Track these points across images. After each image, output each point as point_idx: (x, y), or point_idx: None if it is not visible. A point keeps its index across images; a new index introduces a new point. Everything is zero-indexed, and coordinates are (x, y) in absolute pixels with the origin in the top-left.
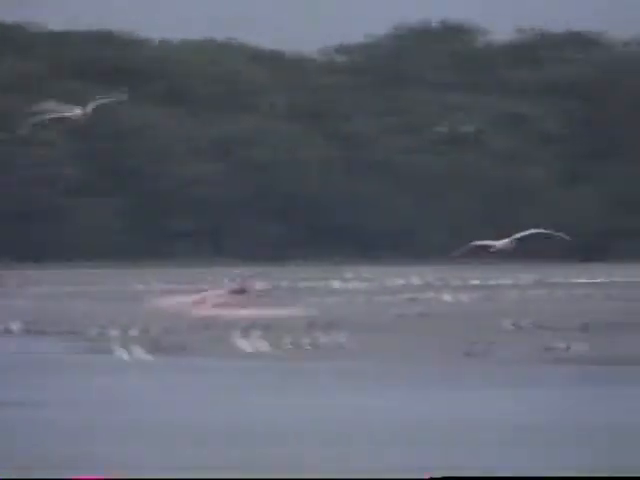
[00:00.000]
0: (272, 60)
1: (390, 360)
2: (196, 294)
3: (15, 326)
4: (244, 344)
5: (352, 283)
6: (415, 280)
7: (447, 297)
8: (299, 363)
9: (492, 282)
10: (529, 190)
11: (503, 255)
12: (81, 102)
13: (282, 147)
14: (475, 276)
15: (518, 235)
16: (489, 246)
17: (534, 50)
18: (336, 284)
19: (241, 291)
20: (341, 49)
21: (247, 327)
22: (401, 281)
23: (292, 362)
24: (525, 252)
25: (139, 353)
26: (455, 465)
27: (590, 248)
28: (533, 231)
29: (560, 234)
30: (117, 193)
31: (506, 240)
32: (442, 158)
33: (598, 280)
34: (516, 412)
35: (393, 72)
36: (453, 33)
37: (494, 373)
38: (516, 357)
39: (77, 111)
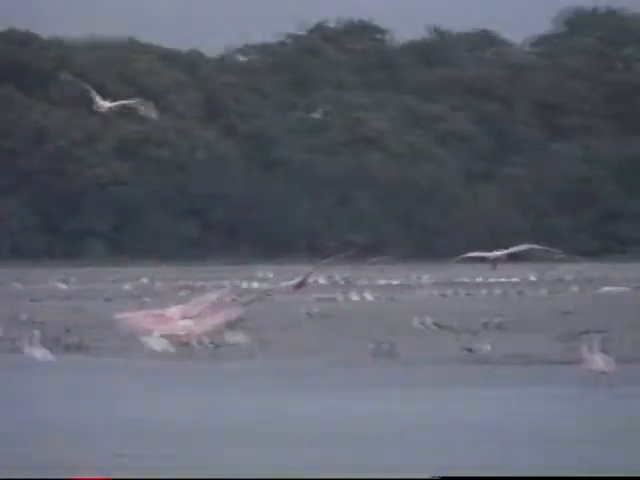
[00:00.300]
0: (177, 60)
1: (296, 360)
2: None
3: None
4: (153, 343)
5: (256, 283)
6: (321, 280)
7: (355, 296)
8: (201, 363)
9: (401, 282)
10: (432, 189)
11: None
12: None
13: (186, 147)
14: (383, 276)
15: (514, 249)
16: (484, 257)
17: (440, 49)
18: (244, 284)
19: (301, 285)
20: (244, 49)
21: None
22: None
23: (194, 362)
24: (429, 252)
25: (41, 352)
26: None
27: (500, 247)
28: (527, 246)
29: (555, 250)
30: (20, 193)
31: (499, 252)
32: (344, 158)
33: (512, 280)
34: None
35: (296, 72)
36: (358, 33)
37: (400, 373)
38: (423, 357)
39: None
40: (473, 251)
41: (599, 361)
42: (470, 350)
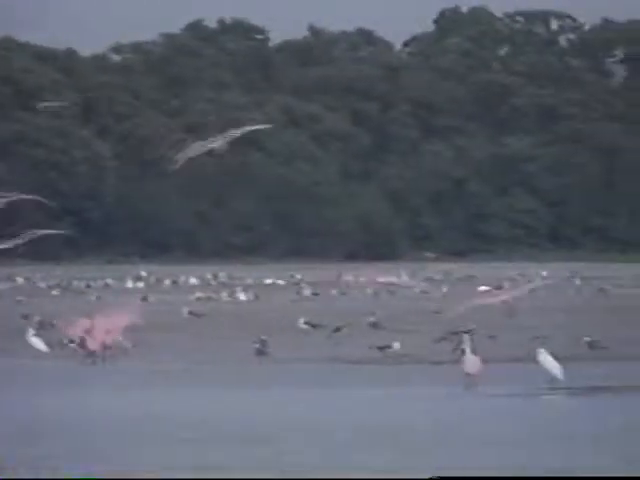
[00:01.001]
0: (53, 59)
1: (177, 360)
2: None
3: None
4: (37, 343)
5: (133, 283)
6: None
7: (241, 296)
8: (76, 364)
9: (286, 281)
10: (308, 189)
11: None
12: None
13: (61, 146)
14: (265, 275)
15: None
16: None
17: (317, 49)
18: (129, 283)
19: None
20: (118, 47)
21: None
22: (192, 280)
23: (69, 363)
24: (304, 251)
25: None
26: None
27: (375, 247)
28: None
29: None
30: None
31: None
32: (222, 158)
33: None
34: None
35: (170, 71)
36: (235, 32)
37: (283, 372)
38: (304, 356)
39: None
40: (346, 250)
41: (467, 362)
42: (382, 348)
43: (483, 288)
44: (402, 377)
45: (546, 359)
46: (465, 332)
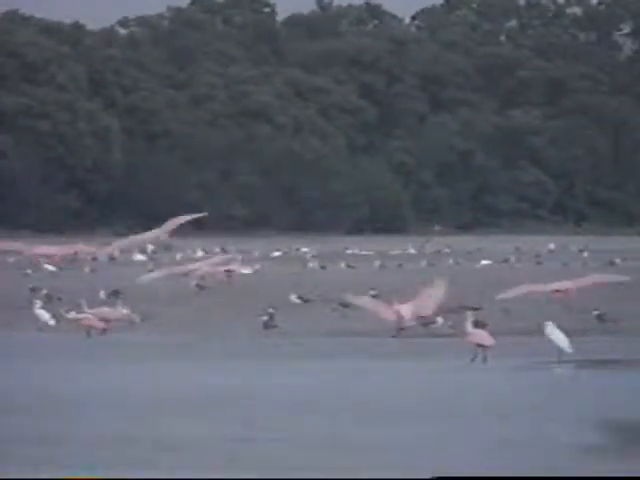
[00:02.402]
0: (59, 32)
1: (184, 333)
2: None
3: None
4: (45, 316)
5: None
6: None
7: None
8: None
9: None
10: (316, 162)
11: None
12: None
13: (68, 119)
14: (271, 248)
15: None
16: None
17: (324, 22)
18: (141, 256)
19: None
20: (124, 21)
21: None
22: (198, 252)
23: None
24: (310, 224)
25: None
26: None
27: (381, 220)
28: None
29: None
30: None
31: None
32: (228, 131)
33: (391, 252)
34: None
35: (177, 45)
36: (242, 5)
37: (292, 345)
38: (311, 329)
39: None
40: (353, 222)
41: (479, 334)
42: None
43: (484, 262)
44: (411, 350)
45: (553, 332)
46: (474, 309)
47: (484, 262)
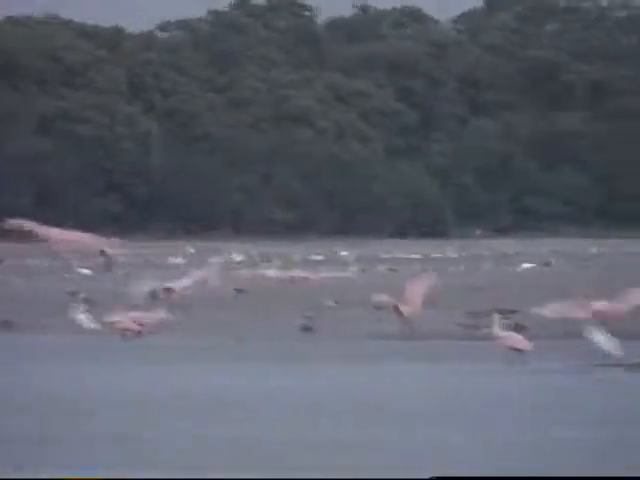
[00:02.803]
0: (98, 36)
1: (223, 336)
2: None
3: None
4: (82, 320)
5: (181, 259)
6: (239, 256)
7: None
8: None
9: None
10: (357, 165)
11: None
12: None
13: (107, 123)
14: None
15: None
16: None
17: (365, 26)
18: (178, 260)
19: None
20: (164, 25)
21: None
22: (238, 257)
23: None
24: (352, 228)
25: None
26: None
27: (422, 223)
28: None
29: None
30: None
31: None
32: (269, 134)
33: (432, 256)
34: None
35: (217, 49)
36: (283, 9)
37: (333, 348)
38: (346, 333)
39: None
40: (395, 226)
41: (511, 337)
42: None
43: (525, 266)
44: (445, 353)
45: (595, 334)
46: (510, 312)
47: (525, 265)
